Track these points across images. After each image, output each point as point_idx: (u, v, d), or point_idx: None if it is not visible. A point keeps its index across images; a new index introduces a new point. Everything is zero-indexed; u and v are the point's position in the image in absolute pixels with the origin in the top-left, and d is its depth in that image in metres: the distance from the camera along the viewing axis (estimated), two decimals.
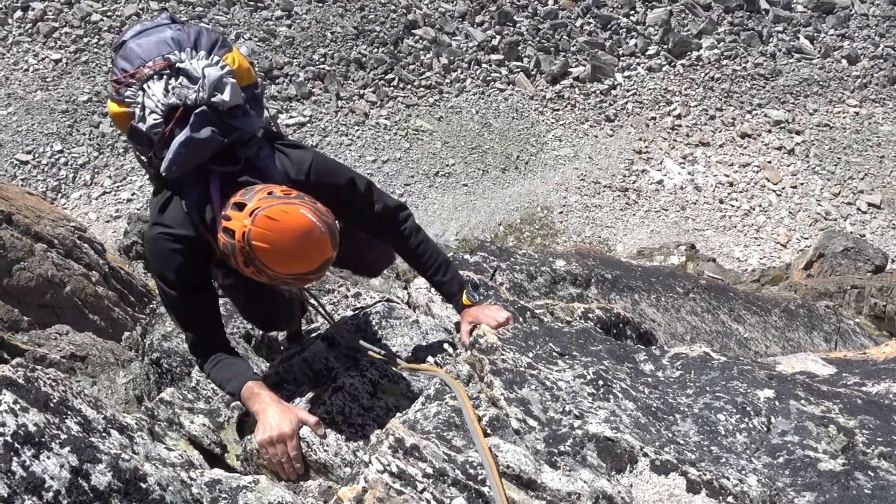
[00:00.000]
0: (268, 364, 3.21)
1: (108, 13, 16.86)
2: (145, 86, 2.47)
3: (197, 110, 2.37)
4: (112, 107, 2.61)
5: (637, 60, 18.92)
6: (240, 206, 2.14)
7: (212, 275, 2.58)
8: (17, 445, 1.62)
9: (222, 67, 2.50)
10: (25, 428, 1.67)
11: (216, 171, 2.38)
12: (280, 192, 2.16)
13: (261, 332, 3.45)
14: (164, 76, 2.47)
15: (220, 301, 2.58)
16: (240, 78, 2.59)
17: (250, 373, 2.40)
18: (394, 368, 2.63)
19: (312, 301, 2.96)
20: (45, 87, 15.62)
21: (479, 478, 1.68)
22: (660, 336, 4.75)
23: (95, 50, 16.34)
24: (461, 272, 2.82)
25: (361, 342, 2.75)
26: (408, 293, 3.61)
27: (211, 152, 2.37)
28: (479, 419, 1.87)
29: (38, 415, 1.75)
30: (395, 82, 17.63)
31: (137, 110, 2.49)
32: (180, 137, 2.33)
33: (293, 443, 2.19)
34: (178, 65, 2.47)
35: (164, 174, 2.37)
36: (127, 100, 2.52)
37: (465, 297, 2.65)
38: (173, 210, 2.36)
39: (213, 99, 2.42)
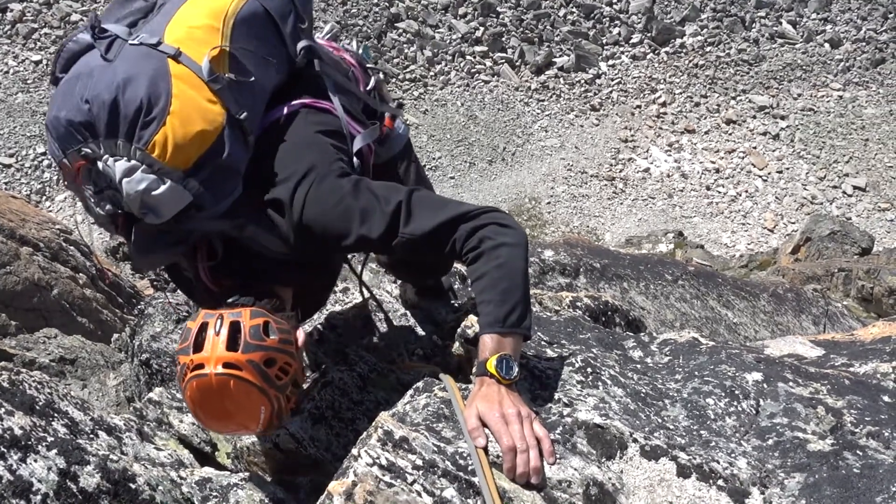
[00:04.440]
0: None
1: (88, 13, 16.72)
2: (76, 183, 1.97)
3: (136, 225, 1.97)
4: None
5: (621, 49, 18.95)
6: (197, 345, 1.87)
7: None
8: (2, 449, 1.61)
9: (149, 168, 1.86)
10: (11, 431, 1.66)
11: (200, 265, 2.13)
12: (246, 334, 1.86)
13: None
14: (90, 174, 1.93)
15: None
16: (181, 157, 1.89)
17: None
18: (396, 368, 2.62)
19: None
20: (25, 89, 15.51)
21: (470, 468, 1.68)
22: (649, 323, 4.76)
23: None
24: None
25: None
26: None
27: (174, 259, 2.18)
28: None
29: (24, 418, 1.74)
30: (378, 76, 17.59)
31: (80, 206, 2.07)
32: (130, 250, 2.05)
33: None
34: (97, 164, 1.89)
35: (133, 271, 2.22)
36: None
37: (491, 359, 1.82)
38: None
39: (145, 219, 1.93)
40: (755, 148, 17.18)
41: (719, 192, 16.32)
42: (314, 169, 2.05)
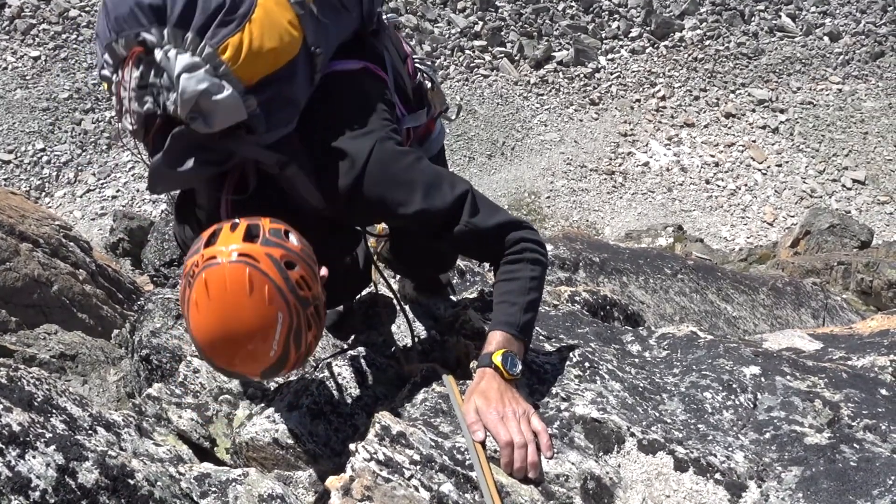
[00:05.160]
0: None
1: (87, 8, 16.71)
2: (121, 72, 1.78)
3: (175, 131, 1.78)
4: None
5: (620, 43, 18.91)
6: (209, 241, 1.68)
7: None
8: (1, 445, 1.61)
9: (213, 70, 1.73)
10: (9, 428, 1.66)
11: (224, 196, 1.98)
12: (266, 233, 1.69)
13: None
14: (140, 63, 1.76)
15: None
16: (250, 69, 1.78)
17: None
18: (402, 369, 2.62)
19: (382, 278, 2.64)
20: (24, 85, 15.50)
21: (467, 463, 1.68)
22: (649, 317, 4.76)
23: (74, 46, 16.20)
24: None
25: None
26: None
27: (200, 182, 2.00)
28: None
29: (22, 414, 1.74)
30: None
31: (114, 101, 1.85)
32: (155, 161, 1.83)
33: None
34: (154, 53, 1.73)
35: (148, 191, 1.99)
36: (109, 87, 1.88)
37: (497, 353, 1.85)
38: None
39: (191, 124, 1.76)
40: (754, 141, 17.16)
41: (719, 186, 16.31)
42: (376, 130, 2.01)
